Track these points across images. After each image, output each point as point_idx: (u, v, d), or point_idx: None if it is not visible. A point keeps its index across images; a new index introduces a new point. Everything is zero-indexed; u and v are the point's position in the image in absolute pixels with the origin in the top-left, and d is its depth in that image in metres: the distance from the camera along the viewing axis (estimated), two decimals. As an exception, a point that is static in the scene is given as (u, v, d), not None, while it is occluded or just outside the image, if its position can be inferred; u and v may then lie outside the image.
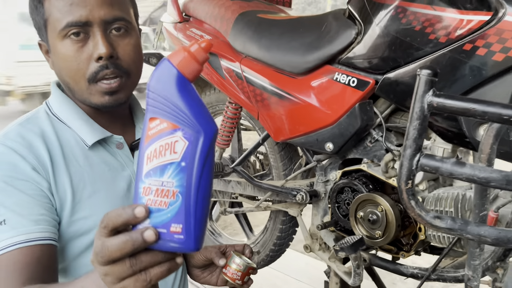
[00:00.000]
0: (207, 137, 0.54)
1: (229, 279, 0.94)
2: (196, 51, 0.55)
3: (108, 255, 0.52)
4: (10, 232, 0.74)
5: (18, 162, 0.79)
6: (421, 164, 0.79)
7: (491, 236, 0.77)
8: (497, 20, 0.91)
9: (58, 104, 0.91)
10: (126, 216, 0.53)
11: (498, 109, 0.72)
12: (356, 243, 1.12)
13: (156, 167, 0.54)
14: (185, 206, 0.53)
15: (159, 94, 0.55)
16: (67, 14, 0.81)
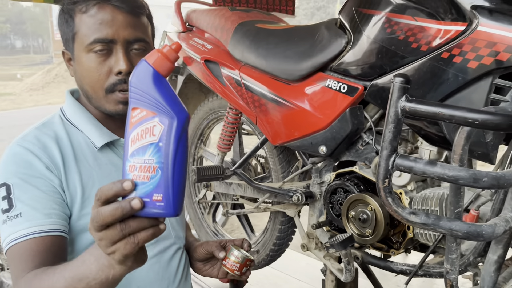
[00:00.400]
0: (179, 122, 0.63)
1: (229, 270, 1.03)
2: (168, 52, 0.65)
3: (102, 219, 0.61)
4: (25, 224, 0.84)
5: (34, 162, 0.89)
6: (397, 164, 0.85)
7: (462, 230, 0.84)
8: (471, 30, 0.98)
9: (71, 110, 1.02)
10: (116, 188, 0.62)
11: (463, 113, 0.79)
12: (345, 240, 1.19)
13: (138, 148, 0.63)
14: (164, 178, 0.62)
15: (139, 88, 0.65)
16: (96, 31, 0.92)
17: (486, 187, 0.80)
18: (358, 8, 1.27)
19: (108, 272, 0.68)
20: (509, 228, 0.88)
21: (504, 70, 0.95)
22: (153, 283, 1.03)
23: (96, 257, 0.70)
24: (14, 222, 0.85)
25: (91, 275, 0.70)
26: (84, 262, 0.72)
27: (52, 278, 0.76)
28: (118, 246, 0.63)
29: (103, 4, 0.93)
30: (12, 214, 0.85)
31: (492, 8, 0.95)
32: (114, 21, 0.93)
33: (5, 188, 0.87)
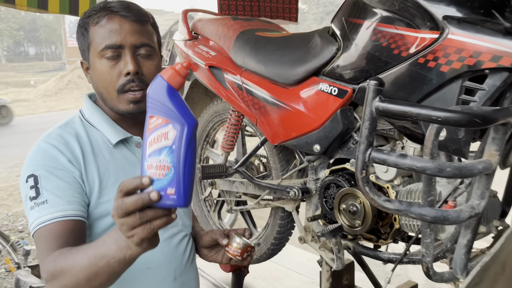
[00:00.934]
0: (189, 128, 0.74)
1: (231, 256, 1.14)
2: (180, 69, 0.77)
3: (126, 208, 0.72)
4: (50, 209, 0.96)
5: (58, 156, 1.02)
6: (372, 157, 0.97)
7: (430, 215, 0.95)
8: (443, 38, 1.09)
9: (89, 111, 1.15)
10: (136, 183, 0.73)
11: (428, 111, 0.90)
12: (335, 230, 1.30)
13: (155, 150, 0.75)
14: (176, 175, 0.73)
15: (155, 99, 0.76)
16: (106, 39, 1.05)
17: (450, 176, 0.91)
18: (347, 17, 1.39)
19: (126, 252, 0.79)
20: (474, 214, 0.99)
21: (472, 73, 1.06)
22: (162, 265, 1.14)
23: (115, 239, 0.80)
24: (40, 208, 0.96)
25: (111, 254, 0.80)
26: (105, 243, 0.82)
27: (76, 255, 0.86)
28: (136, 231, 0.74)
29: (112, 15, 1.06)
30: (39, 201, 0.97)
31: (461, 18, 1.06)
32: (121, 29, 1.05)
33: (33, 179, 0.98)
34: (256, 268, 2.21)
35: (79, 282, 0.84)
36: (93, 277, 0.83)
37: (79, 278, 0.84)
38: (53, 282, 0.88)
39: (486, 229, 1.23)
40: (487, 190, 1.01)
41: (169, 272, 1.15)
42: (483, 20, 1.05)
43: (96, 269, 0.82)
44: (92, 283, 0.84)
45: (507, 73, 1.00)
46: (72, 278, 0.85)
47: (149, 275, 1.11)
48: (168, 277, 1.15)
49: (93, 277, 0.83)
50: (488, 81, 1.04)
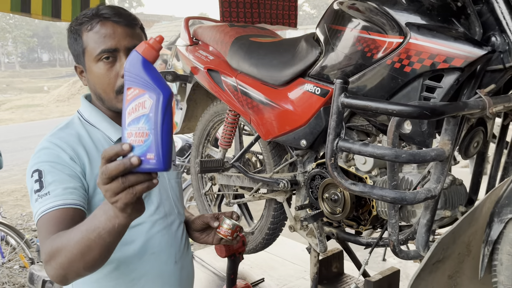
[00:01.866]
0: (165, 96, 0.79)
1: (222, 236, 1.23)
2: (154, 43, 0.81)
3: (109, 173, 0.76)
4: (52, 199, 1.02)
5: (60, 153, 1.09)
6: (339, 146, 1.12)
7: (390, 196, 1.09)
8: (406, 42, 1.23)
9: (88, 112, 1.22)
10: (117, 149, 0.77)
11: (384, 105, 1.05)
12: (316, 215, 1.45)
13: (134, 119, 0.79)
14: (155, 141, 0.77)
15: (132, 72, 0.81)
16: (101, 44, 1.12)
17: (405, 161, 1.05)
18: (329, 24, 1.53)
19: (114, 221, 0.82)
20: (431, 196, 1.13)
21: (431, 73, 1.20)
22: (165, 249, 1.23)
23: (104, 210, 0.84)
24: (43, 199, 1.01)
25: (101, 225, 0.84)
26: (95, 215, 0.86)
27: (70, 233, 0.90)
28: (120, 196, 0.78)
29: (105, 21, 1.12)
30: (42, 193, 1.02)
31: (421, 25, 1.20)
32: (115, 33, 1.12)
33: (37, 173, 1.04)
34: (252, 258, 2.36)
35: (74, 257, 0.88)
36: (86, 251, 0.86)
37: (73, 253, 0.87)
38: (51, 262, 0.91)
39: (451, 213, 1.36)
40: (442, 175, 1.15)
41: (171, 256, 1.25)
42: (441, 26, 1.20)
43: (88, 242, 0.86)
44: (85, 257, 0.87)
45: (459, 72, 1.14)
46: (67, 254, 0.88)
47: (153, 259, 1.21)
48: (170, 261, 1.24)
49: (86, 251, 0.86)
50: (444, 79, 1.18)
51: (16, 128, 12.92)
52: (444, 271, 1.26)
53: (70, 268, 0.90)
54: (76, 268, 0.90)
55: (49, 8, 2.30)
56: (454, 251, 1.28)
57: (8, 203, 6.00)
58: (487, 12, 1.21)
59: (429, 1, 1.23)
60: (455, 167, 1.64)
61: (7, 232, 3.65)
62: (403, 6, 1.25)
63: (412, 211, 1.41)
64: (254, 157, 2.24)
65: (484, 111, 1.15)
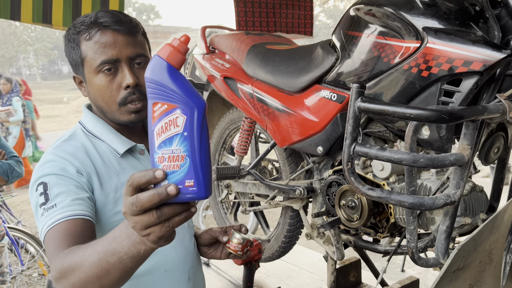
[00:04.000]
0: (200, 110, 0.67)
1: (232, 251, 1.17)
2: (179, 45, 0.68)
3: (141, 205, 0.65)
4: (59, 211, 0.95)
5: (66, 166, 1.03)
6: (356, 151, 1.11)
7: (408, 201, 1.07)
8: (423, 47, 1.22)
9: (91, 123, 1.15)
10: (149, 176, 0.66)
11: (402, 109, 1.03)
12: (333, 222, 1.43)
13: (165, 140, 0.66)
14: (193, 165, 0.66)
15: (156, 83, 0.68)
16: (102, 54, 1.04)
17: (423, 166, 1.04)
18: (345, 30, 1.53)
19: (140, 248, 0.73)
20: (450, 202, 1.11)
21: (449, 77, 1.19)
22: (178, 266, 1.17)
23: (127, 234, 0.73)
24: (49, 212, 0.94)
25: (123, 250, 0.74)
26: (115, 238, 0.76)
27: (85, 252, 0.81)
28: (153, 230, 0.68)
29: (104, 29, 1.05)
30: (48, 206, 0.95)
31: (438, 29, 1.19)
32: (116, 43, 1.04)
33: (42, 186, 0.98)
34: (269, 267, 2.34)
35: (89, 279, 0.79)
36: (104, 274, 0.78)
37: (89, 276, 0.79)
38: (62, 280, 0.83)
39: (471, 220, 1.33)
40: (462, 180, 1.13)
41: (184, 273, 1.18)
42: (458, 30, 1.18)
43: (107, 266, 0.77)
44: (102, 281, 0.79)
45: (478, 76, 1.13)
46: (81, 275, 0.80)
47: (167, 277, 1.14)
48: (183, 278, 1.18)
49: (103, 275, 0.78)
50: (463, 84, 1.16)
51: (36, 139, 13.13)
52: (464, 279, 1.24)
53: None
54: None
55: (69, 18, 2.35)
56: (475, 259, 1.25)
57: (29, 211, 6.09)
58: (506, 15, 1.20)
59: (447, 5, 1.22)
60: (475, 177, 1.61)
61: (26, 240, 3.70)
62: (420, 11, 1.24)
63: (431, 218, 1.39)
64: (270, 165, 2.23)
65: (504, 116, 1.13)
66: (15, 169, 2.57)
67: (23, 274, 3.77)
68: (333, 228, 1.43)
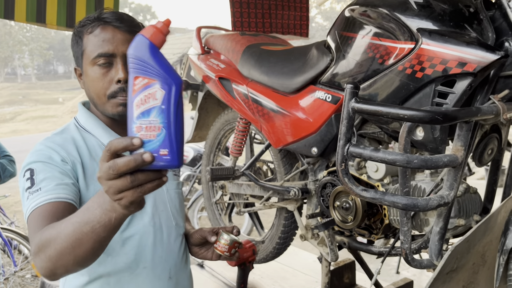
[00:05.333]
0: (177, 86, 0.73)
1: (220, 252, 1.18)
2: (162, 27, 0.74)
3: (118, 169, 0.69)
4: (43, 194, 0.99)
5: (52, 155, 1.08)
6: (350, 152, 1.10)
7: (402, 202, 1.07)
8: (417, 48, 1.22)
9: (84, 118, 1.21)
10: (126, 143, 0.70)
11: (396, 110, 1.03)
12: (327, 223, 1.43)
13: (144, 111, 0.72)
14: (168, 135, 0.71)
15: (139, 59, 0.73)
16: (99, 47, 1.11)
17: (417, 167, 1.04)
18: (340, 31, 1.53)
19: (110, 215, 0.76)
20: (443, 203, 1.11)
21: (443, 78, 1.19)
22: (158, 264, 1.18)
23: (99, 204, 0.77)
24: (34, 195, 0.99)
25: (95, 218, 0.77)
26: (88, 208, 0.80)
27: (60, 225, 0.85)
28: (125, 194, 0.71)
29: (105, 25, 1.11)
30: (33, 190, 1.00)
31: (432, 30, 1.20)
32: (114, 38, 1.11)
33: (29, 172, 1.04)
34: (264, 268, 2.34)
35: (64, 250, 0.82)
36: (78, 244, 0.81)
37: (64, 246, 0.82)
38: (40, 254, 0.86)
39: (465, 222, 1.33)
40: (455, 182, 1.13)
41: (165, 271, 1.19)
42: (453, 31, 1.18)
43: (80, 236, 0.80)
44: (76, 251, 0.82)
45: (472, 77, 1.13)
46: (56, 247, 0.83)
47: (145, 274, 1.16)
48: (163, 276, 1.19)
49: (77, 244, 0.81)
50: (456, 85, 1.16)
51: (31, 139, 13.08)
52: (458, 281, 1.24)
53: (59, 262, 0.85)
54: (65, 262, 0.84)
55: (63, 18, 2.34)
56: (468, 261, 1.25)
57: (22, 212, 6.05)
58: (500, 17, 1.20)
59: (441, 7, 1.22)
60: (470, 179, 1.61)
61: (20, 241, 3.67)
62: (414, 12, 1.24)
63: (425, 220, 1.39)
64: (265, 166, 2.23)
65: (498, 117, 1.13)
66: (7, 168, 2.55)
67: (16, 275, 3.74)
68: (327, 229, 1.43)
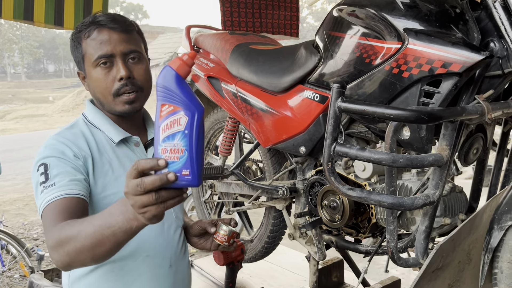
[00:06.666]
0: (199, 113, 0.81)
1: (219, 242, 1.25)
2: (187, 60, 0.83)
3: (145, 187, 0.77)
4: (57, 189, 1.05)
5: (65, 150, 1.14)
6: (336, 151, 1.11)
7: (387, 201, 1.08)
8: (404, 48, 1.23)
9: (92, 114, 1.27)
10: (152, 163, 0.79)
11: (382, 110, 1.04)
12: (314, 222, 1.43)
13: (169, 135, 0.80)
14: (190, 158, 0.79)
15: (165, 88, 0.82)
16: (98, 50, 1.16)
17: (403, 166, 1.04)
18: (328, 31, 1.53)
19: (132, 224, 0.85)
20: (429, 202, 1.12)
21: (430, 78, 1.19)
22: (159, 253, 1.25)
23: (122, 211, 0.86)
24: (48, 190, 1.05)
25: (117, 224, 0.86)
26: (111, 214, 0.88)
27: (81, 225, 0.93)
28: (149, 209, 0.80)
29: (101, 28, 1.17)
30: (48, 184, 1.06)
31: (418, 30, 1.20)
32: (111, 39, 1.16)
33: (43, 167, 1.09)
34: (252, 267, 2.34)
35: (83, 249, 0.90)
36: (97, 245, 0.89)
37: (84, 245, 0.90)
38: (59, 249, 0.93)
39: (451, 221, 1.35)
40: (441, 181, 1.13)
41: (165, 260, 1.27)
42: (439, 31, 1.19)
43: (101, 237, 0.88)
44: (95, 251, 0.90)
45: (457, 77, 1.14)
46: (77, 244, 0.91)
47: (148, 262, 1.23)
48: (164, 264, 1.26)
49: (97, 245, 0.89)
50: (442, 85, 1.17)
51: (20, 138, 12.98)
52: (444, 279, 1.25)
53: (77, 258, 0.92)
54: (83, 259, 0.93)
55: (51, 16, 2.32)
56: (454, 259, 1.26)
57: (10, 212, 6.00)
58: (486, 18, 1.21)
59: (427, 7, 1.23)
60: (458, 178, 1.62)
61: (8, 241, 3.65)
62: (401, 12, 1.25)
63: (411, 219, 1.40)
64: (254, 165, 2.23)
65: (482, 117, 1.14)
66: None
67: (4, 275, 3.71)
68: (314, 228, 1.43)
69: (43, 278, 2.90)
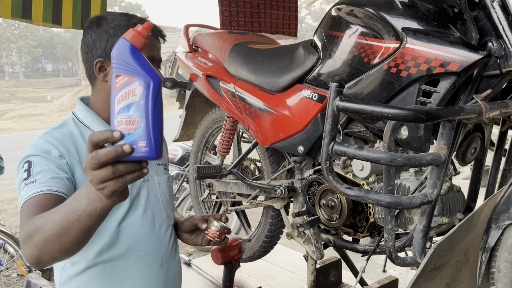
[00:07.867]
0: (155, 83, 0.77)
1: (210, 238, 1.26)
2: (141, 30, 0.79)
3: (99, 159, 0.74)
4: (37, 185, 1.03)
5: (51, 149, 1.12)
6: (334, 150, 1.11)
7: (385, 200, 1.08)
8: (402, 47, 1.23)
9: (83, 113, 1.25)
10: (107, 135, 0.75)
11: (380, 109, 1.04)
12: (312, 221, 1.43)
13: (123, 107, 0.77)
14: (146, 128, 0.75)
15: (120, 59, 0.78)
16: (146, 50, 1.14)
17: (400, 165, 1.04)
18: (326, 30, 1.54)
19: (96, 205, 0.81)
20: (427, 201, 1.12)
21: (427, 77, 1.20)
22: (150, 252, 1.25)
23: (86, 193, 0.82)
24: (29, 186, 1.03)
25: (81, 207, 0.82)
26: (76, 198, 0.84)
27: (49, 214, 0.89)
28: (108, 184, 0.76)
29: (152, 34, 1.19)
30: (29, 181, 1.04)
31: (416, 29, 1.20)
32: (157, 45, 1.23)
33: (27, 164, 1.08)
34: (250, 266, 2.34)
35: (50, 237, 0.87)
36: (64, 232, 0.85)
37: (50, 234, 0.86)
38: (28, 241, 0.90)
39: (448, 220, 1.35)
40: (438, 180, 1.14)
41: (156, 259, 1.26)
42: (437, 31, 1.19)
43: (67, 224, 0.84)
44: (62, 239, 0.86)
45: (455, 77, 1.14)
46: (44, 234, 0.87)
47: (139, 262, 1.23)
48: (155, 264, 1.26)
49: (63, 232, 0.85)
50: (440, 84, 1.17)
51: (18, 137, 12.95)
52: (441, 278, 1.25)
53: (45, 249, 0.88)
54: (51, 249, 0.88)
55: (50, 14, 2.32)
56: (451, 258, 1.26)
57: (8, 211, 5.99)
58: (484, 17, 1.21)
59: (426, 7, 1.23)
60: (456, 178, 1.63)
61: (5, 240, 3.63)
62: (399, 12, 1.25)
63: (409, 218, 1.40)
64: (252, 164, 2.23)
65: (480, 116, 1.14)
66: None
67: (1, 275, 3.70)
68: (312, 227, 1.43)
69: (40, 278, 2.89)
